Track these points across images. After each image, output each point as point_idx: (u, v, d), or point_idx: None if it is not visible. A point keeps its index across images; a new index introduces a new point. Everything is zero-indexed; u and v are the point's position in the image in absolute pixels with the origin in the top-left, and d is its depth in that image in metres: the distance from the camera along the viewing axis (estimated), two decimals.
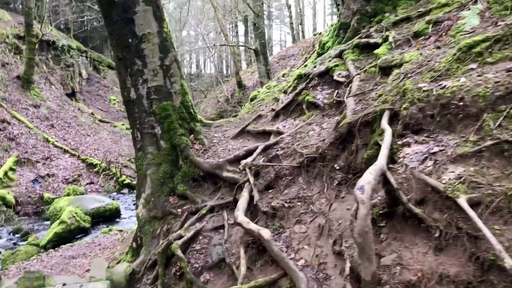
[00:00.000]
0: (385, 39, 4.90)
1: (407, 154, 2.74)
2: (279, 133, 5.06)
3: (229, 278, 3.94)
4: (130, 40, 5.38)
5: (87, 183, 16.23)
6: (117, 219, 13.48)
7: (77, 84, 29.74)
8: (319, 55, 7.11)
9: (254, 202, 3.92)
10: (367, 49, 5.24)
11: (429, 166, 2.67)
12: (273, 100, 6.29)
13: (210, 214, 4.80)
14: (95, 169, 16.76)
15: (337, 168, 3.48)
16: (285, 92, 6.04)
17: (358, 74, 4.64)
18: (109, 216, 13.23)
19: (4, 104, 18.25)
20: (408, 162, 2.66)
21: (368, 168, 2.49)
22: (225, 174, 4.99)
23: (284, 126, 5.11)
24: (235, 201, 4.61)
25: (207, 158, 5.37)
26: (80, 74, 31.24)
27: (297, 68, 7.66)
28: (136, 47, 5.39)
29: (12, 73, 20.91)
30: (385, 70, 4.30)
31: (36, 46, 20.71)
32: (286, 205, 3.55)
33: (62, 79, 27.48)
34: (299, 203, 3.53)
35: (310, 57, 8.47)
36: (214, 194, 5.17)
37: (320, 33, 27.30)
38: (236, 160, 5.06)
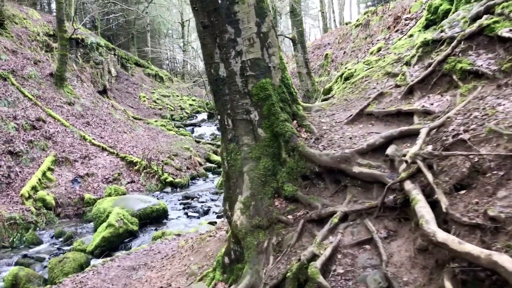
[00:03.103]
0: None
1: None
2: (426, 113, 3.79)
3: None
4: (219, 1, 4.21)
5: (128, 182, 15.33)
6: (165, 220, 12.50)
7: (107, 82, 29.16)
8: (429, 21, 5.80)
9: (444, 209, 2.67)
10: None
11: None
12: (385, 75, 5.02)
13: (342, 224, 3.60)
14: (135, 167, 15.84)
15: None
16: (407, 63, 4.76)
17: None
18: (156, 217, 12.25)
19: (38, 102, 17.58)
20: None
21: None
22: (356, 169, 3.76)
23: (432, 104, 3.84)
24: (384, 207, 3.40)
25: (323, 149, 4.16)
26: (109, 72, 30.66)
27: (399, 39, 6.39)
28: (228, 9, 4.21)
29: (45, 70, 20.29)
30: None
31: (67, 42, 20.02)
32: None
33: (92, 77, 26.90)
34: None
35: (410, 27, 7.17)
36: (338, 196, 3.96)
37: (357, 20, 25.83)
38: (370, 151, 3.83)
